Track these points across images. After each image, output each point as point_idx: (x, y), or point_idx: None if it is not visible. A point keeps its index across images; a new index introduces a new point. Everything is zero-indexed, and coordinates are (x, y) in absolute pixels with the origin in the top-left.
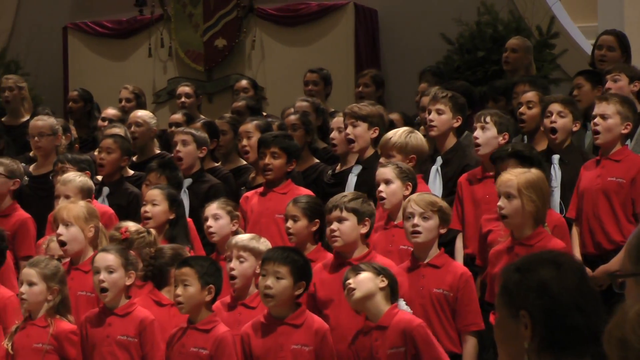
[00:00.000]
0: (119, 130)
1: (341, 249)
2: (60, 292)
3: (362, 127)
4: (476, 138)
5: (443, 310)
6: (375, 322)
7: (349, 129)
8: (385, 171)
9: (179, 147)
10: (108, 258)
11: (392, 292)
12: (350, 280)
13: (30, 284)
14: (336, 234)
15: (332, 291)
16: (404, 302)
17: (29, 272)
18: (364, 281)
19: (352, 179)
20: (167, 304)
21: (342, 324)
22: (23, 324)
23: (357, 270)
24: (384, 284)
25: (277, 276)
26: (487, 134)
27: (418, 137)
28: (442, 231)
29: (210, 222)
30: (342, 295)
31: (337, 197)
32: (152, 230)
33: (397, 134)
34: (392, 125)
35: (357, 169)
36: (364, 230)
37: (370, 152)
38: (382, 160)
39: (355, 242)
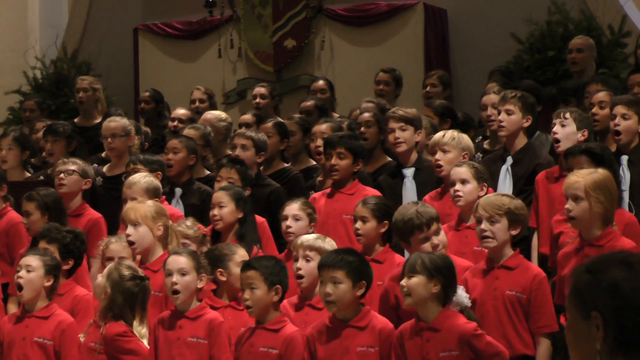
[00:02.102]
0: (194, 131)
1: None
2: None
3: (410, 130)
4: (555, 134)
5: (516, 312)
6: (427, 322)
7: (398, 132)
8: (462, 171)
9: (238, 151)
10: (181, 261)
11: (446, 294)
12: (403, 283)
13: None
14: (439, 247)
15: None
16: (463, 292)
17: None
18: (416, 288)
19: (409, 183)
20: (221, 306)
21: None
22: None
23: (411, 273)
24: (437, 289)
25: (335, 281)
26: (566, 130)
27: (466, 138)
28: (514, 232)
29: (290, 222)
30: None
31: (426, 210)
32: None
33: (449, 133)
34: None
35: (410, 172)
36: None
37: (415, 155)
38: (437, 156)
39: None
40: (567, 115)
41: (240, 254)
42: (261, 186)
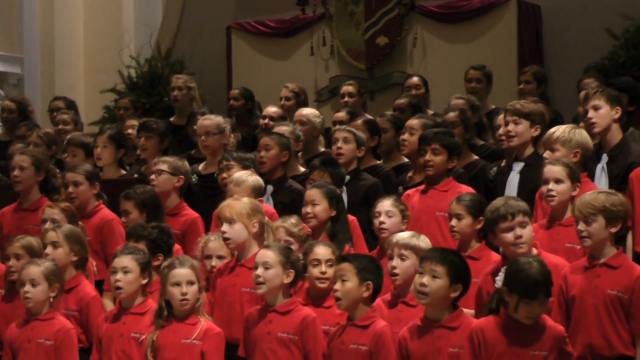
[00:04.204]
0: (285, 128)
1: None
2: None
3: (524, 124)
4: None
5: (616, 311)
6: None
7: (511, 126)
8: (556, 170)
9: (340, 143)
10: (267, 254)
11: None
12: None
13: (192, 283)
14: (523, 239)
15: None
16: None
17: (187, 273)
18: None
19: (514, 177)
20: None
21: None
22: (166, 321)
23: (434, 276)
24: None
25: (434, 275)
26: None
27: (582, 133)
28: (614, 230)
29: (383, 218)
30: None
31: (512, 203)
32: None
33: (561, 129)
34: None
35: (519, 166)
36: None
37: (530, 150)
38: (546, 154)
39: (532, 244)
40: None
41: (317, 252)
42: (359, 180)
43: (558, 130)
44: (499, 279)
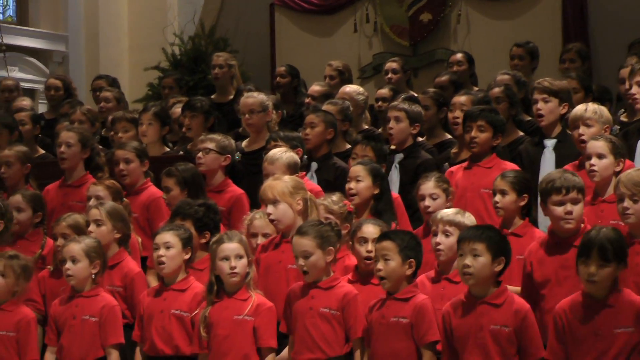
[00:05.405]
0: (332, 106)
1: (572, 231)
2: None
3: (554, 102)
4: None
5: None
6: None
7: (540, 104)
8: (599, 145)
9: (391, 123)
10: (304, 243)
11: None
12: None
13: (240, 257)
14: (572, 216)
15: (549, 271)
16: None
17: (235, 247)
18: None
19: (550, 154)
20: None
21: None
22: (217, 297)
23: (475, 255)
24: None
25: (475, 254)
26: None
27: (605, 109)
28: None
29: (427, 202)
30: (559, 275)
31: (568, 177)
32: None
33: (591, 106)
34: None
35: (551, 143)
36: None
37: (558, 128)
38: (581, 131)
39: (581, 222)
40: None
41: (365, 230)
42: (413, 157)
43: (589, 107)
44: None
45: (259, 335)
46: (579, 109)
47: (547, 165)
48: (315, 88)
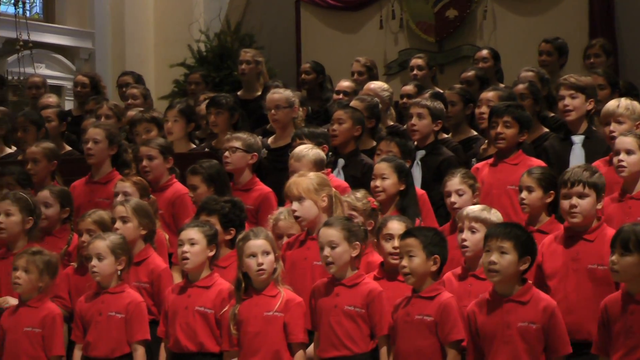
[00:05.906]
0: (360, 102)
1: (579, 225)
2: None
3: (580, 98)
4: None
5: None
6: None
7: (567, 100)
8: (628, 141)
9: (414, 120)
10: (331, 233)
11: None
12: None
13: (267, 253)
14: (577, 210)
15: (559, 263)
16: None
17: (262, 244)
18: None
19: (580, 150)
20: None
21: (569, 297)
22: (245, 294)
23: (502, 252)
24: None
25: (502, 251)
26: None
27: (638, 105)
28: None
29: (454, 198)
30: (569, 268)
31: (577, 171)
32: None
33: (623, 102)
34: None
35: (579, 139)
36: (599, 206)
37: (585, 124)
38: (612, 127)
39: (592, 217)
40: None
41: (390, 227)
42: (435, 154)
43: (621, 103)
44: None
45: (289, 331)
46: (611, 104)
47: (577, 161)
48: (344, 84)
